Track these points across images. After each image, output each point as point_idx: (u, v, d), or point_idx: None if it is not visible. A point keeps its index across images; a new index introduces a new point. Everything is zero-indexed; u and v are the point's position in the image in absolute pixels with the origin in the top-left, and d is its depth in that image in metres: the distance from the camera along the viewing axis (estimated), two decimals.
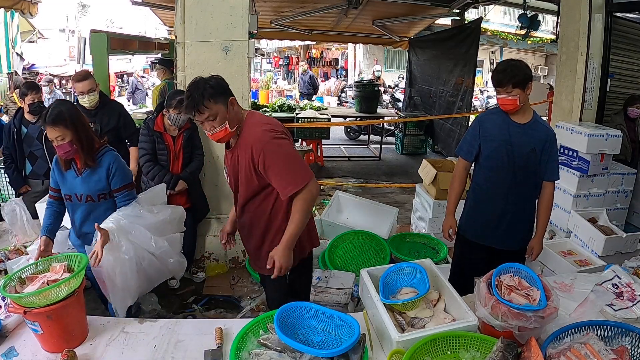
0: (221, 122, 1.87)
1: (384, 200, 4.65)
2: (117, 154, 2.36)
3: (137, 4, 7.52)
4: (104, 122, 3.36)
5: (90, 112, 3.30)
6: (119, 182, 2.29)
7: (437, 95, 8.34)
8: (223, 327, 1.77)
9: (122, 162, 2.36)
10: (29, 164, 3.36)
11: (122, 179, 2.31)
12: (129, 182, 2.35)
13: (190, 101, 1.83)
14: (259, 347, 1.61)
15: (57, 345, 1.63)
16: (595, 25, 4.30)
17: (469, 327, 1.63)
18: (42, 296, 1.58)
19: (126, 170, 2.37)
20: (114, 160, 2.29)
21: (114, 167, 2.27)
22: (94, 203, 2.29)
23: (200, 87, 1.84)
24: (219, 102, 1.86)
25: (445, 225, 2.62)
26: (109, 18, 26.47)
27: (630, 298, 1.92)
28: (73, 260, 1.82)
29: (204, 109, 1.83)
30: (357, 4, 6.58)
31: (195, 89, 1.84)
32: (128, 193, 2.33)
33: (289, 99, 10.69)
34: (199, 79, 1.88)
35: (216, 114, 1.85)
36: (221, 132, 1.89)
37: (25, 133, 3.31)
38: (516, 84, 2.25)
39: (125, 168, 2.36)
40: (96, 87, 3.32)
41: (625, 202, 4.10)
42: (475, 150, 2.47)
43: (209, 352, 1.64)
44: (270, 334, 1.64)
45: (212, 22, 3.28)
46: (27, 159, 3.35)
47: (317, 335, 1.64)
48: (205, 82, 1.86)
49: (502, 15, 14.89)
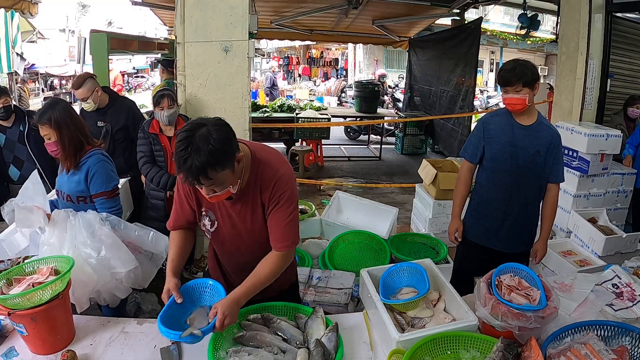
0: (224, 187, 1.51)
1: (384, 200, 4.65)
2: (103, 157, 2.28)
3: (137, 4, 7.52)
4: (114, 121, 3.32)
5: (100, 111, 3.28)
6: (95, 187, 2.25)
7: (437, 95, 8.34)
8: None
9: (105, 167, 2.29)
10: (15, 169, 3.27)
11: (99, 185, 2.25)
12: (107, 190, 2.27)
13: (190, 170, 1.38)
14: (235, 345, 1.62)
15: (42, 348, 1.63)
16: (595, 25, 4.30)
17: (469, 327, 1.63)
18: (26, 298, 1.57)
19: (107, 177, 2.28)
20: (94, 164, 2.24)
21: (92, 171, 2.23)
22: (73, 204, 2.28)
23: (201, 150, 1.37)
24: (226, 167, 1.44)
25: (452, 228, 2.61)
26: (109, 18, 26.50)
27: (630, 298, 1.92)
28: (60, 263, 1.80)
29: (206, 180, 1.43)
30: (357, 4, 6.58)
31: (196, 152, 1.37)
32: (105, 201, 2.26)
33: (289, 99, 10.69)
34: (199, 128, 1.41)
35: (221, 182, 1.48)
36: (223, 195, 1.53)
37: (4, 139, 3.21)
38: (526, 83, 2.24)
39: (106, 174, 2.28)
40: (94, 91, 3.22)
41: (625, 202, 4.10)
42: (480, 152, 2.46)
43: (165, 350, 1.63)
44: (244, 331, 1.65)
45: (212, 22, 3.28)
46: (12, 164, 3.26)
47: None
48: (207, 140, 1.38)
49: (502, 15, 14.90)
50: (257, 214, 1.68)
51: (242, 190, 1.62)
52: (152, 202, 3.32)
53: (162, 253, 2.28)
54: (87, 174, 2.24)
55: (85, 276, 1.97)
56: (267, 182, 1.61)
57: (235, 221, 1.70)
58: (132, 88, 21.11)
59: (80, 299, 1.98)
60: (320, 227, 3.46)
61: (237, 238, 1.74)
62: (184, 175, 1.41)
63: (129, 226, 2.25)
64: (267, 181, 1.62)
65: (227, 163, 1.44)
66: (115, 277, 2.10)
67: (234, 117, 3.40)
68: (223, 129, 1.44)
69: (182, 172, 1.41)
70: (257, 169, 1.62)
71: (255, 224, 1.69)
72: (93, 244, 2.03)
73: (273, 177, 1.61)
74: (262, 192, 1.63)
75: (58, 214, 2.10)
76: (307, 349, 1.58)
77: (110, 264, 2.06)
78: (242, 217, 1.68)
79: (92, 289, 2.02)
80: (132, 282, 2.17)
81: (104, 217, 2.16)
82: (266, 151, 1.68)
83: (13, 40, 8.73)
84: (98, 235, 2.06)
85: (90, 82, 3.23)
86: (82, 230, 2.04)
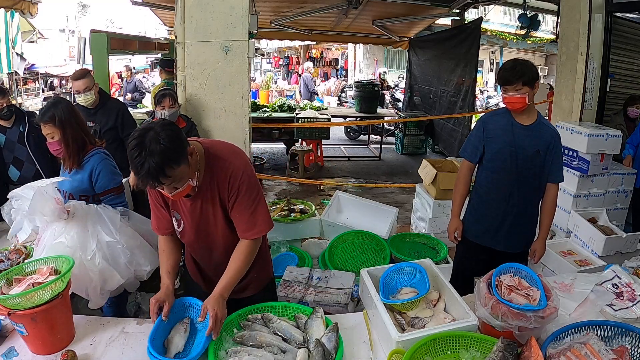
0: (184, 181, 1.52)
1: (384, 200, 4.65)
2: (105, 156, 2.31)
3: (137, 4, 7.52)
4: (103, 122, 3.34)
5: (89, 112, 3.29)
6: (103, 185, 2.27)
7: (437, 95, 8.35)
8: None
9: (109, 164, 2.31)
10: (15, 170, 3.23)
11: (107, 182, 2.27)
12: (115, 186, 2.30)
13: (148, 172, 1.40)
14: (235, 345, 1.62)
15: (42, 348, 1.63)
16: (595, 25, 4.30)
17: (469, 327, 1.63)
18: (26, 298, 1.57)
19: (112, 173, 2.32)
20: (98, 163, 2.26)
21: (97, 170, 2.25)
22: None
23: (154, 150, 1.39)
24: (181, 162, 1.47)
25: (451, 227, 2.61)
26: (109, 18, 26.51)
27: (630, 298, 1.92)
28: (60, 263, 1.81)
29: (166, 179, 1.45)
30: (357, 4, 6.59)
31: (149, 153, 1.39)
32: (115, 196, 2.29)
33: (289, 99, 10.67)
34: (146, 133, 1.43)
35: (180, 177, 1.49)
36: (184, 190, 1.55)
37: (4, 140, 3.19)
38: (525, 82, 2.24)
39: (112, 171, 2.31)
40: (93, 86, 3.28)
41: (625, 202, 4.10)
42: (479, 151, 2.46)
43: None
44: (244, 332, 1.66)
45: (212, 22, 3.28)
46: (12, 165, 3.23)
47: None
48: (157, 141, 1.41)
49: (502, 15, 14.90)
50: (218, 211, 1.71)
51: (200, 188, 1.65)
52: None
53: None
54: (92, 173, 2.25)
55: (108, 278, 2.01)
56: (223, 177, 1.64)
57: (197, 219, 1.72)
58: None
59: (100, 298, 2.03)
60: (320, 227, 3.46)
61: (202, 235, 1.77)
62: (144, 180, 1.44)
63: (141, 219, 2.30)
64: (222, 176, 1.64)
65: (180, 158, 1.47)
66: (136, 275, 2.17)
67: (234, 117, 3.40)
68: (169, 127, 1.48)
69: (142, 177, 1.43)
70: (212, 165, 1.65)
71: (218, 220, 1.72)
72: (124, 243, 2.08)
73: (227, 171, 1.64)
74: (219, 187, 1.66)
75: (78, 205, 2.07)
76: (307, 349, 1.58)
77: (138, 262, 2.13)
78: (203, 214, 1.71)
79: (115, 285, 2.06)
80: (145, 276, 2.24)
81: (121, 212, 2.19)
82: (219, 146, 1.71)
83: (13, 40, 8.75)
84: (125, 233, 2.11)
85: (90, 76, 3.30)
86: (108, 226, 2.07)
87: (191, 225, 1.74)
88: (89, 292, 2.00)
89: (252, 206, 1.68)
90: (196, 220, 1.73)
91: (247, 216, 1.68)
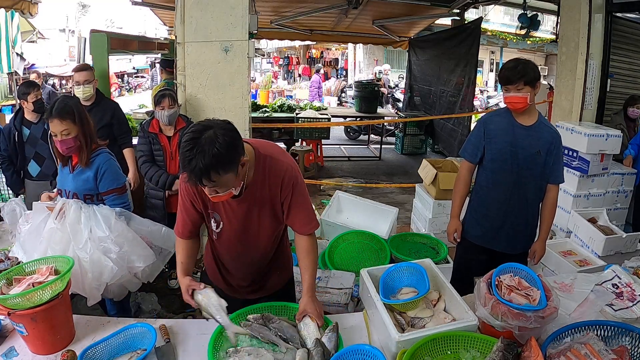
0: (227, 188, 1.51)
1: (384, 200, 4.65)
2: (111, 156, 2.32)
3: (137, 4, 7.52)
4: (97, 119, 3.35)
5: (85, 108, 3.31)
6: (107, 184, 2.26)
7: (437, 95, 8.34)
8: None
9: (114, 164, 2.31)
10: (36, 165, 3.31)
11: (111, 182, 2.26)
12: (118, 186, 2.30)
13: (193, 171, 1.39)
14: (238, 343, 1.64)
15: (42, 347, 1.63)
16: (595, 25, 4.30)
17: (469, 327, 1.63)
18: (26, 298, 1.57)
19: (117, 174, 2.31)
20: (104, 162, 2.25)
21: (103, 169, 2.24)
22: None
23: (206, 152, 1.37)
24: (230, 171, 1.45)
25: (450, 228, 2.60)
26: (109, 18, 26.53)
27: (630, 298, 1.92)
28: (59, 263, 1.80)
29: (209, 182, 1.44)
30: (357, 4, 6.58)
31: (201, 153, 1.37)
32: (118, 197, 2.28)
33: (289, 99, 10.68)
34: (205, 130, 1.41)
35: (224, 184, 1.48)
36: (224, 196, 1.53)
37: (28, 134, 3.27)
38: (527, 82, 2.24)
39: (116, 171, 2.31)
40: (93, 80, 3.34)
41: (625, 202, 4.10)
42: (480, 152, 2.45)
43: (160, 349, 1.63)
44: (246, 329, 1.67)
45: (212, 22, 3.28)
46: (33, 160, 3.30)
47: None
48: (213, 143, 1.38)
49: (502, 15, 14.90)
50: (264, 213, 1.71)
51: (249, 189, 1.63)
52: (151, 201, 3.32)
53: (170, 249, 2.33)
54: (97, 172, 2.24)
55: (103, 270, 2.02)
56: (276, 176, 1.66)
57: (241, 221, 1.71)
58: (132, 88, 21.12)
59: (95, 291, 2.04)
60: (320, 227, 3.46)
61: (242, 237, 1.76)
62: (188, 175, 1.43)
63: (143, 221, 2.30)
64: (276, 175, 1.66)
65: (230, 167, 1.44)
66: (131, 272, 2.16)
67: (234, 117, 3.40)
68: (229, 133, 1.44)
69: (186, 172, 1.43)
70: (264, 165, 1.65)
71: (262, 222, 1.73)
72: (113, 238, 2.07)
73: (281, 170, 1.66)
74: (270, 187, 1.66)
75: (69, 204, 2.08)
76: (307, 349, 1.58)
77: (130, 259, 2.12)
78: (248, 216, 1.70)
79: (109, 282, 2.06)
80: (145, 276, 2.25)
81: (118, 212, 2.19)
82: (267, 145, 1.72)
83: (13, 40, 8.73)
84: (117, 229, 2.10)
85: (92, 70, 3.39)
86: (101, 224, 2.08)
87: (233, 226, 1.73)
88: (85, 286, 2.01)
89: (306, 201, 1.74)
90: (240, 221, 1.71)
91: (305, 211, 1.74)
